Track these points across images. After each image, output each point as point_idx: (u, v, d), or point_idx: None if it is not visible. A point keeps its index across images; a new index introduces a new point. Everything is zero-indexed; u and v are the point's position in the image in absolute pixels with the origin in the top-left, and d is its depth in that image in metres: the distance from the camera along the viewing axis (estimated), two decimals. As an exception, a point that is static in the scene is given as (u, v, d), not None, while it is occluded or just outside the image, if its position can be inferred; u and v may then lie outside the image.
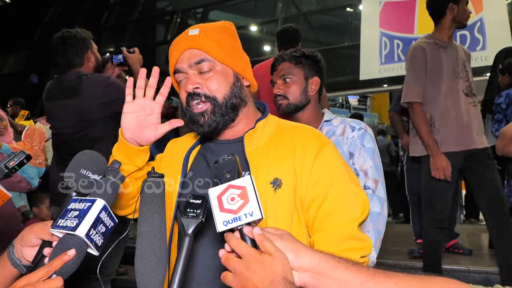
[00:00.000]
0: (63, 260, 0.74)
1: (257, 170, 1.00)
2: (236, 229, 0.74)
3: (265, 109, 1.15)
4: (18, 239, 0.89)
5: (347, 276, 0.70)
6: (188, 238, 0.76)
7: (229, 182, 0.76)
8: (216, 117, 1.03)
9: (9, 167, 1.01)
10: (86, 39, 2.29)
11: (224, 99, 1.04)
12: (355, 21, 7.28)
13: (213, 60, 1.04)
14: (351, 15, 7.67)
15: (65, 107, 2.19)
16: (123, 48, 2.48)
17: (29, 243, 0.87)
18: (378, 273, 0.70)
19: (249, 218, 0.73)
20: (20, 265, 0.88)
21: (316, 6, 8.67)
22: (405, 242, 3.78)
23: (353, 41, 6.85)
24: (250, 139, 1.07)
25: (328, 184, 0.99)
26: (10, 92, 9.30)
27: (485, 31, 5.40)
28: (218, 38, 1.06)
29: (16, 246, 0.89)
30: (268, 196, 0.97)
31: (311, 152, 1.01)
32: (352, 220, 0.97)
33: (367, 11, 6.63)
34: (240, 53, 1.11)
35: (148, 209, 0.81)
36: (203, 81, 1.04)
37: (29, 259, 0.88)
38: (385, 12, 6.33)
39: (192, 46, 1.04)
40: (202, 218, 0.78)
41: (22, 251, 0.88)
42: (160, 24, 10.27)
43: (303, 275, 0.71)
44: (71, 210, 0.78)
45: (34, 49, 11.53)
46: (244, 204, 0.74)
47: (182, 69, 1.06)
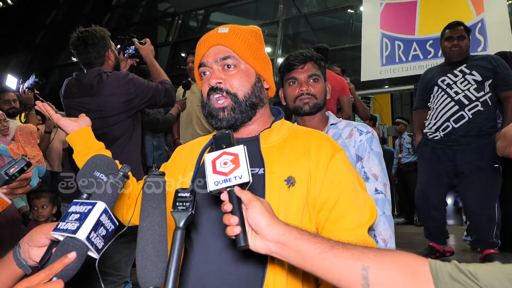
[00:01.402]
0: (64, 263, 0.74)
1: (272, 166, 1.03)
2: (225, 191, 0.81)
3: (279, 113, 1.20)
4: (25, 239, 0.90)
5: (308, 247, 0.75)
6: (180, 231, 0.79)
7: (224, 149, 0.84)
8: (235, 114, 1.07)
9: (9, 174, 1.02)
10: (105, 38, 2.28)
11: (245, 97, 1.08)
12: (356, 22, 7.28)
13: (238, 59, 1.08)
14: (352, 17, 7.68)
15: (85, 105, 2.17)
16: (135, 39, 2.47)
17: (38, 243, 0.88)
18: (337, 244, 0.75)
19: (238, 181, 0.80)
20: (26, 266, 0.89)
21: (317, 7, 8.68)
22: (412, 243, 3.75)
23: (354, 42, 6.84)
24: (266, 137, 1.10)
25: (341, 187, 1.02)
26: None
27: (486, 32, 5.39)
28: (245, 39, 1.10)
29: (23, 246, 0.90)
30: (281, 192, 1.00)
31: (325, 154, 1.05)
32: (362, 224, 1.00)
33: (368, 13, 6.63)
34: (264, 56, 1.16)
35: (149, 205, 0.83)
36: (226, 77, 1.08)
37: (36, 260, 0.89)
38: (386, 13, 6.33)
39: (220, 42, 1.09)
40: (192, 210, 0.81)
41: (30, 252, 0.89)
42: (161, 26, 10.29)
43: (268, 243, 0.77)
44: (72, 213, 0.79)
45: (36, 51, 11.56)
46: (235, 168, 0.81)
47: (208, 63, 1.10)
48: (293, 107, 1.72)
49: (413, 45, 5.85)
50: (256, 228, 0.77)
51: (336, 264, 0.72)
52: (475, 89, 2.95)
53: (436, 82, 3.11)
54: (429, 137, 3.15)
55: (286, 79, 1.75)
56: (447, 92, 3.04)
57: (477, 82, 2.96)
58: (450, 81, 3.05)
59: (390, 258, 0.71)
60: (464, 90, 2.98)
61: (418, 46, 5.80)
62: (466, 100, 2.95)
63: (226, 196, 0.81)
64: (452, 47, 3.08)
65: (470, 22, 5.48)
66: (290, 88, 1.72)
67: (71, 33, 2.29)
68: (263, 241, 0.77)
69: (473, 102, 2.94)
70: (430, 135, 3.14)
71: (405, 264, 0.70)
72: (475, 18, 5.49)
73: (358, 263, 0.71)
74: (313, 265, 0.74)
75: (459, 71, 3.04)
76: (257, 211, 0.77)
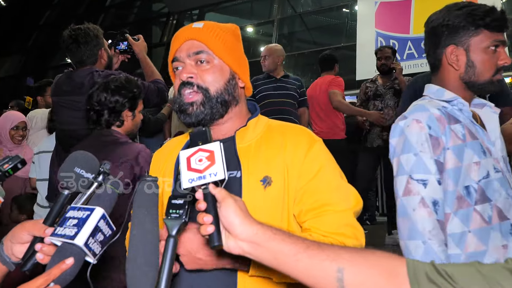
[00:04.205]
0: (62, 269, 0.74)
1: (249, 167, 1.01)
2: (199, 188, 0.79)
3: (255, 109, 1.17)
4: (8, 236, 0.91)
5: (282, 248, 0.72)
6: (173, 239, 0.76)
7: (199, 146, 0.81)
8: (205, 109, 1.04)
9: (2, 170, 1.01)
10: (98, 36, 2.23)
11: (217, 92, 1.05)
12: (351, 21, 7.30)
13: (211, 54, 1.06)
14: (347, 16, 7.69)
15: (76, 103, 2.13)
16: (127, 35, 2.40)
17: (20, 240, 0.89)
18: (312, 245, 0.72)
19: (213, 178, 0.77)
20: (10, 263, 0.89)
21: (312, 7, 8.69)
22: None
23: (349, 41, 6.87)
24: (242, 136, 1.08)
25: (320, 176, 1.01)
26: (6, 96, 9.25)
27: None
28: (220, 35, 1.08)
29: (6, 243, 0.90)
30: (257, 194, 0.98)
31: (302, 146, 1.03)
32: (348, 208, 0.99)
33: (363, 12, 6.65)
34: (240, 54, 1.14)
35: (140, 211, 0.82)
36: (198, 72, 1.06)
37: (19, 256, 0.89)
38: (381, 12, 6.34)
39: (194, 37, 1.07)
40: (185, 218, 0.79)
41: (13, 248, 0.89)
42: (156, 26, 10.26)
43: (240, 243, 0.74)
44: (69, 218, 0.78)
45: (30, 52, 11.49)
46: (210, 165, 0.78)
47: (180, 58, 1.08)
48: (488, 81, 1.26)
49: (408, 43, 5.87)
50: (228, 227, 0.74)
51: (311, 265, 0.70)
52: None
53: None
54: None
55: (484, 39, 1.23)
56: None
57: None
58: None
59: (366, 259, 0.70)
60: None
61: (413, 45, 5.81)
62: None
63: (201, 194, 0.78)
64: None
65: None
66: (492, 55, 1.25)
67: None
68: (235, 241, 0.74)
69: None
70: None
71: (382, 265, 0.69)
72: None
73: (333, 265, 0.69)
74: (287, 266, 0.72)
75: None
76: (231, 209, 0.74)
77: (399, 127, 1.26)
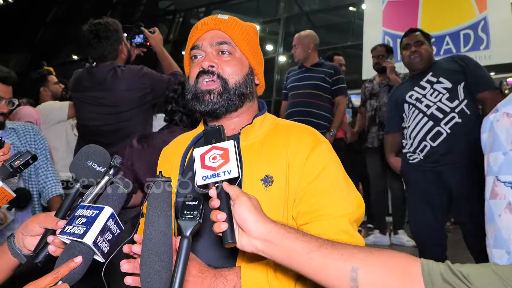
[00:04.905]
0: (70, 267, 0.74)
1: (250, 166, 1.00)
2: (213, 186, 0.79)
3: (263, 107, 1.16)
4: (20, 229, 0.91)
5: (296, 246, 0.72)
6: (187, 240, 0.76)
7: (214, 144, 0.82)
8: (222, 100, 1.03)
9: (14, 166, 1.01)
10: (118, 31, 2.20)
11: (235, 85, 1.05)
12: (357, 20, 7.25)
13: (234, 46, 1.07)
14: (353, 14, 7.64)
15: (99, 99, 2.12)
16: (143, 28, 2.37)
17: (32, 232, 0.90)
18: (326, 244, 0.72)
19: (227, 176, 0.78)
20: (21, 255, 0.90)
21: (319, 5, 8.65)
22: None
23: (356, 40, 6.82)
24: (247, 134, 1.07)
25: (323, 177, 0.98)
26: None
27: (489, 30, 5.37)
28: (244, 30, 1.08)
29: (17, 236, 0.91)
30: (257, 193, 0.96)
31: (305, 146, 1.01)
32: (346, 214, 0.95)
33: (370, 10, 6.60)
34: (259, 52, 1.14)
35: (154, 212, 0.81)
36: (220, 62, 1.05)
37: (30, 248, 0.90)
38: (388, 11, 6.30)
39: (219, 27, 1.07)
40: (200, 219, 0.79)
41: (24, 241, 0.90)
42: (162, 23, 10.26)
43: (254, 241, 0.74)
44: (78, 217, 0.78)
45: (36, 49, 11.53)
46: (224, 163, 0.79)
47: (202, 46, 1.07)
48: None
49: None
50: (242, 225, 0.75)
51: (325, 264, 0.70)
52: (447, 99, 2.51)
53: (405, 98, 2.69)
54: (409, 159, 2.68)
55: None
56: (417, 107, 2.61)
57: (448, 89, 2.53)
58: (419, 94, 2.62)
59: (380, 259, 0.69)
60: (435, 102, 2.54)
61: (420, 44, 5.77)
62: (440, 113, 2.50)
63: (214, 191, 0.79)
64: (411, 55, 2.70)
65: (473, 20, 5.46)
66: None
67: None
68: (249, 239, 0.74)
69: (448, 114, 2.48)
70: (410, 157, 2.68)
71: (396, 265, 0.68)
72: (478, 16, 5.47)
73: (347, 264, 0.69)
74: (300, 265, 0.72)
75: (426, 81, 2.63)
76: (244, 206, 0.74)
77: (489, 121, 1.16)
